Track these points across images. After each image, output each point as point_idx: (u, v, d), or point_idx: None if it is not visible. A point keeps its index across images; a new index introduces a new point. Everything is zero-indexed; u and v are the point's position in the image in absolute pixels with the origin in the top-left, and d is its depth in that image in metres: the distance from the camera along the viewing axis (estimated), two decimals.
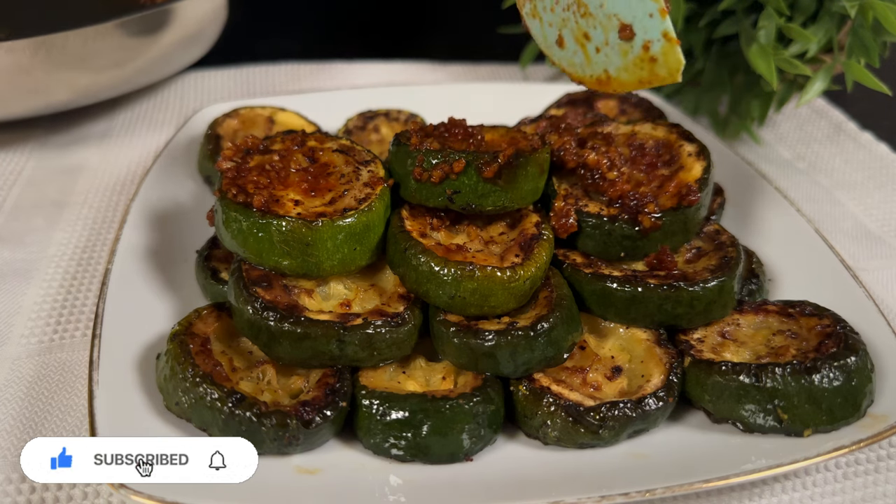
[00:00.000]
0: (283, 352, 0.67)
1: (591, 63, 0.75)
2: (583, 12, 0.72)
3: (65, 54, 1.02)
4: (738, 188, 0.96)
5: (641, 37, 0.69)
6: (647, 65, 0.70)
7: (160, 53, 1.16)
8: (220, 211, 0.73)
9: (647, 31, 0.68)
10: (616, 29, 0.70)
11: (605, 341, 0.75)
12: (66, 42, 1.01)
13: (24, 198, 1.02)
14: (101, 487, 0.65)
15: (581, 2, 0.72)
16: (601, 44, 0.72)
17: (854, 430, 0.65)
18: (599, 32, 0.72)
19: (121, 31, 1.06)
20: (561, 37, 0.76)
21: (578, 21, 0.73)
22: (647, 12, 0.67)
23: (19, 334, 0.80)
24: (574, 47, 0.76)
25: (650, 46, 0.69)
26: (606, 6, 0.70)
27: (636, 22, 0.69)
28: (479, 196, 0.74)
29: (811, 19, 1.01)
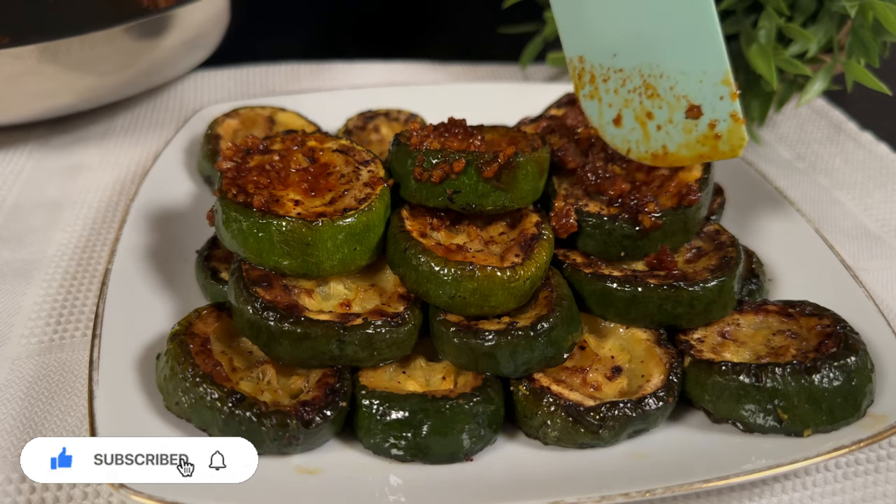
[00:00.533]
0: (283, 352, 0.67)
1: (650, 140, 0.78)
2: (650, 94, 0.76)
3: (68, 60, 1.02)
4: (738, 188, 0.96)
5: (709, 116, 0.73)
6: (711, 141, 0.74)
7: (162, 58, 1.16)
8: (220, 211, 0.73)
9: (716, 111, 0.72)
10: (683, 109, 0.74)
11: (605, 341, 0.75)
12: (69, 48, 1.01)
13: (24, 198, 1.02)
14: (101, 487, 0.65)
15: (649, 84, 0.76)
16: (664, 122, 0.76)
17: (854, 430, 0.65)
18: (665, 112, 0.76)
19: (123, 37, 1.06)
20: (620, 116, 0.79)
21: (643, 102, 0.77)
22: (717, 95, 0.72)
23: (19, 334, 0.80)
24: (633, 125, 0.79)
25: (716, 125, 0.73)
26: (676, 88, 0.74)
27: (706, 103, 0.73)
28: (479, 196, 0.74)
29: (811, 19, 1.01)
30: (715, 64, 0.71)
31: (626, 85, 0.78)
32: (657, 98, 0.75)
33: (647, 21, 0.74)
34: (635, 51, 0.76)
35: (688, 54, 0.72)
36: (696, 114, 0.73)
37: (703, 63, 0.71)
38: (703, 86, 0.72)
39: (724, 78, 0.71)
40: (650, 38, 0.74)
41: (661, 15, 0.72)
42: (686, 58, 0.72)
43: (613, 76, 0.78)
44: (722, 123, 0.72)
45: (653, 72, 0.75)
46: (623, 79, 0.78)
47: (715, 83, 0.71)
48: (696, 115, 0.73)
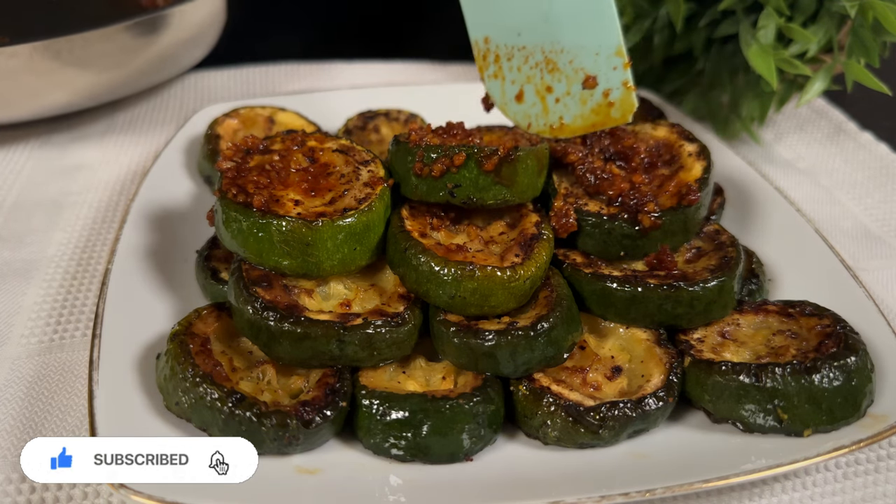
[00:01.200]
0: (283, 352, 0.67)
1: (549, 113, 0.85)
2: (550, 68, 0.83)
3: (64, 58, 1.02)
4: (738, 188, 0.96)
5: (603, 86, 0.80)
6: (604, 109, 0.81)
7: (160, 57, 1.16)
8: (220, 211, 0.73)
9: (610, 80, 0.79)
10: (580, 81, 0.81)
11: (605, 341, 0.75)
12: (66, 46, 1.01)
13: (24, 198, 1.02)
14: (101, 487, 0.65)
15: (550, 59, 0.82)
16: (562, 95, 0.83)
17: (854, 430, 0.65)
18: (563, 84, 0.82)
19: (120, 35, 1.06)
20: (522, 92, 0.86)
21: (544, 76, 0.84)
22: (612, 66, 0.79)
23: (19, 334, 0.80)
24: (534, 100, 0.86)
25: (610, 93, 0.80)
26: (575, 62, 0.81)
27: (601, 74, 0.80)
28: (479, 189, 0.74)
29: (811, 19, 1.01)
30: (609, 38, 0.78)
31: (528, 62, 0.84)
32: (557, 72, 0.82)
33: (551, 1, 0.81)
34: (538, 29, 0.82)
35: (586, 30, 0.79)
36: (592, 84, 0.80)
37: (599, 38, 0.79)
38: (599, 58, 0.79)
39: (618, 50, 0.78)
40: (553, 17, 0.81)
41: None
42: (584, 34, 0.79)
43: (517, 54, 0.85)
44: (615, 91, 0.79)
45: (554, 48, 0.82)
46: (526, 56, 0.84)
47: (609, 55, 0.79)
48: (592, 84, 0.80)
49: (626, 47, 1.11)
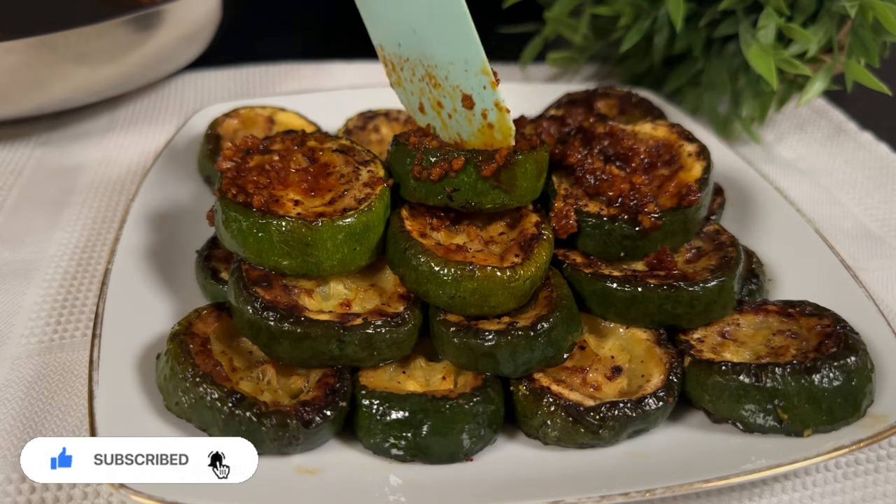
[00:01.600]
0: (283, 352, 0.67)
1: (448, 128, 0.78)
2: (434, 83, 0.76)
3: (63, 54, 1.02)
4: (738, 188, 0.96)
5: (480, 105, 0.73)
6: (487, 130, 0.75)
7: (156, 53, 1.16)
8: (220, 211, 0.73)
9: (483, 100, 0.73)
10: (459, 99, 0.74)
11: (605, 341, 0.75)
12: (65, 41, 1.01)
13: (24, 198, 1.02)
14: (101, 487, 0.65)
15: (431, 74, 0.76)
16: (451, 111, 0.76)
17: (854, 430, 0.65)
18: (449, 101, 0.76)
19: (116, 31, 1.06)
20: (421, 104, 0.80)
21: (432, 91, 0.77)
22: (481, 84, 0.72)
23: (19, 334, 0.80)
24: (432, 113, 0.80)
25: (487, 114, 0.74)
26: (450, 78, 0.74)
27: (475, 93, 0.73)
28: (478, 194, 0.74)
29: (811, 19, 1.01)
30: (472, 54, 0.71)
31: (415, 74, 0.78)
32: (440, 88, 0.76)
33: (413, 12, 0.73)
34: (412, 41, 0.76)
35: (449, 45, 0.72)
36: (469, 104, 0.74)
37: (463, 53, 0.72)
38: (469, 75, 0.72)
39: (483, 67, 0.71)
40: (419, 29, 0.74)
41: (419, 6, 0.72)
42: (449, 48, 0.73)
43: (405, 66, 0.79)
44: (490, 112, 0.73)
45: (429, 62, 0.75)
46: (412, 68, 0.78)
47: (476, 72, 0.72)
48: (470, 104, 0.74)
49: (626, 47, 1.13)
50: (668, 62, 1.23)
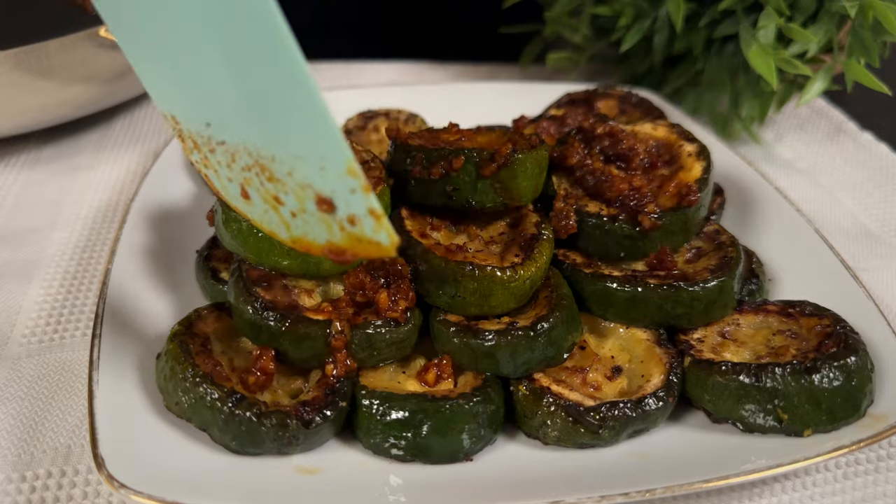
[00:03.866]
0: (284, 351, 0.67)
1: (290, 227, 0.59)
2: (268, 177, 0.56)
3: (51, 64, 1.00)
4: (738, 188, 0.96)
5: (344, 210, 0.53)
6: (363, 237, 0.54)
7: None
8: (220, 211, 0.73)
9: (351, 205, 0.53)
10: (312, 199, 0.55)
11: (605, 341, 0.75)
12: (62, 47, 1.00)
13: (24, 198, 1.02)
14: (101, 487, 0.65)
15: (264, 166, 0.56)
16: (297, 210, 0.57)
17: (854, 430, 0.65)
18: (292, 199, 0.56)
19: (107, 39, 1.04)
20: (245, 191, 0.60)
21: (265, 184, 0.58)
22: (348, 188, 0.52)
23: (19, 334, 0.80)
24: (263, 206, 0.60)
25: (356, 221, 0.53)
26: (296, 175, 0.54)
27: (336, 196, 0.53)
28: (478, 193, 0.74)
29: (811, 19, 1.01)
30: (332, 152, 0.50)
31: (237, 161, 0.58)
32: (278, 182, 0.56)
33: (232, 89, 0.53)
34: (232, 124, 0.56)
35: (296, 137, 0.52)
36: (329, 208, 0.54)
37: (317, 148, 0.52)
38: (327, 175, 0.52)
39: (348, 168, 0.50)
40: (244, 111, 0.54)
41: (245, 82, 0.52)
42: (295, 141, 0.52)
43: (218, 149, 0.58)
44: (364, 220, 0.52)
45: (261, 153, 0.55)
46: (231, 153, 0.58)
47: (339, 174, 0.51)
48: (329, 209, 0.54)
49: (626, 47, 1.13)
50: (668, 62, 1.23)
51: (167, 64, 0.56)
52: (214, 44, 0.51)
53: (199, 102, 0.57)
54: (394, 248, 0.53)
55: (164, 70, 0.57)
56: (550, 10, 1.24)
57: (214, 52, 0.51)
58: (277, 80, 0.49)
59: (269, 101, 0.52)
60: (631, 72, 1.29)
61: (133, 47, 0.58)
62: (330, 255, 0.57)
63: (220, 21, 0.49)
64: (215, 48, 0.51)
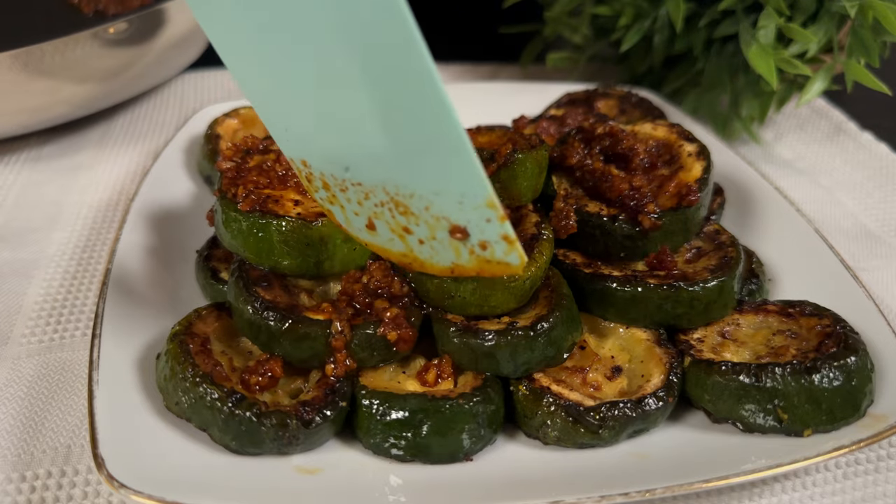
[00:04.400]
0: (283, 352, 0.67)
1: (415, 252, 0.65)
2: (402, 210, 0.61)
3: (53, 64, 1.00)
4: (738, 188, 0.96)
5: (477, 238, 0.59)
6: (490, 260, 0.61)
7: (150, 58, 1.14)
8: (220, 211, 0.73)
9: (484, 232, 0.58)
10: (445, 229, 0.60)
11: (605, 341, 0.75)
12: (64, 46, 1.00)
13: (24, 198, 1.02)
14: (101, 487, 0.65)
15: (399, 202, 0.60)
16: (426, 238, 0.62)
17: (854, 430, 0.65)
18: (423, 229, 0.61)
19: (108, 39, 1.04)
20: (372, 223, 0.65)
21: (396, 217, 0.62)
22: (483, 217, 0.57)
23: (20, 334, 0.80)
24: (390, 235, 0.65)
25: (487, 247, 0.59)
26: (433, 209, 0.59)
27: (471, 224, 0.58)
28: None
29: (811, 19, 1.01)
30: (473, 187, 0.55)
31: (370, 199, 0.62)
32: (411, 216, 0.61)
33: (379, 137, 0.56)
34: (372, 169, 0.60)
35: (438, 176, 0.57)
36: (462, 236, 0.59)
37: (458, 185, 0.56)
38: (464, 207, 0.57)
39: (488, 201, 0.55)
40: (388, 157, 0.58)
41: (395, 131, 0.56)
42: (437, 180, 0.57)
43: (352, 188, 0.63)
44: (496, 246, 0.59)
45: (400, 191, 0.60)
46: (365, 192, 0.62)
47: (477, 206, 0.56)
48: (462, 237, 0.59)
49: (626, 47, 1.13)
50: (668, 62, 1.23)
51: (306, 113, 0.59)
52: (361, 92, 0.53)
53: (340, 149, 0.60)
54: (522, 266, 0.59)
55: (302, 120, 0.60)
56: (550, 10, 1.24)
57: (361, 101, 0.54)
58: (426, 124, 0.53)
59: (416, 144, 0.55)
60: (631, 72, 1.29)
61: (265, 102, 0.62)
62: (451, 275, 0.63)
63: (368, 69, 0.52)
64: (362, 96, 0.54)
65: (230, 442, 0.63)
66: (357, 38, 0.50)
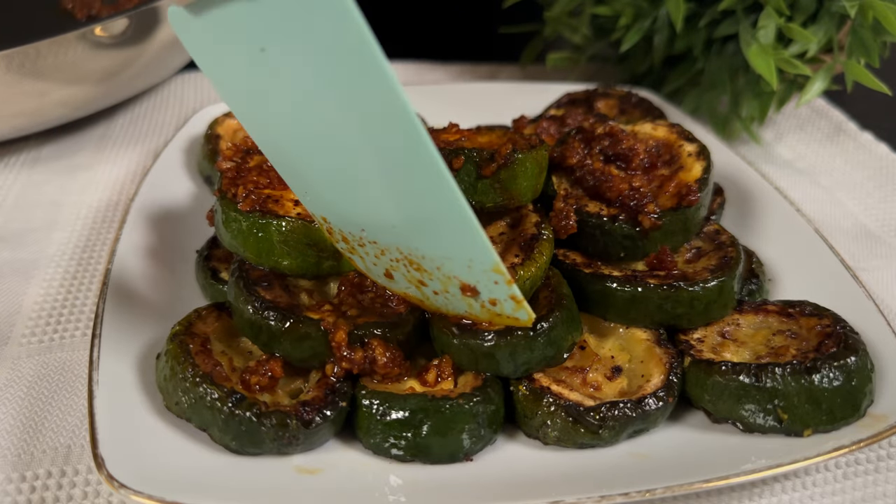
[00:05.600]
0: (283, 352, 0.67)
1: (430, 301, 0.68)
2: (416, 267, 0.64)
3: (46, 65, 0.99)
4: (738, 188, 0.96)
5: (487, 295, 0.63)
6: (497, 313, 0.64)
7: (151, 57, 1.14)
8: (220, 211, 0.73)
9: (493, 292, 0.62)
10: (457, 286, 0.63)
11: (605, 341, 0.75)
12: (60, 46, 0.99)
13: (24, 198, 1.02)
14: (101, 487, 0.65)
15: (412, 260, 0.64)
16: (440, 290, 0.65)
17: (854, 430, 0.65)
18: (437, 283, 0.64)
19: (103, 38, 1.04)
20: (390, 273, 0.68)
21: (411, 271, 0.65)
22: (492, 280, 0.60)
23: (19, 334, 0.80)
24: (406, 285, 0.68)
25: (497, 303, 0.63)
26: (444, 269, 0.62)
27: (480, 285, 0.62)
28: (478, 193, 0.74)
29: (811, 19, 1.01)
30: (480, 254, 0.58)
31: (385, 255, 0.65)
32: (425, 272, 0.64)
33: (388, 207, 0.60)
34: (385, 232, 0.63)
35: (446, 245, 0.60)
36: (473, 294, 0.63)
37: (466, 253, 0.59)
38: (473, 270, 0.60)
39: (494, 268, 0.59)
40: (397, 225, 0.61)
41: (401, 204, 0.59)
42: (445, 248, 0.60)
43: (368, 245, 0.66)
44: (505, 304, 0.62)
45: (412, 252, 0.63)
46: (381, 249, 0.65)
47: (485, 271, 0.60)
48: (473, 294, 0.63)
49: (626, 47, 1.13)
50: (668, 62, 1.23)
51: (320, 178, 0.63)
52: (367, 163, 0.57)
53: (355, 215, 0.64)
54: (531, 321, 0.63)
55: (317, 184, 0.64)
56: (550, 10, 1.24)
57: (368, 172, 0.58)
58: (430, 201, 0.56)
59: (422, 218, 0.59)
60: (631, 72, 1.29)
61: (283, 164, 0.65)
62: (465, 319, 0.67)
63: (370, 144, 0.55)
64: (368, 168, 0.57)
65: (230, 442, 0.63)
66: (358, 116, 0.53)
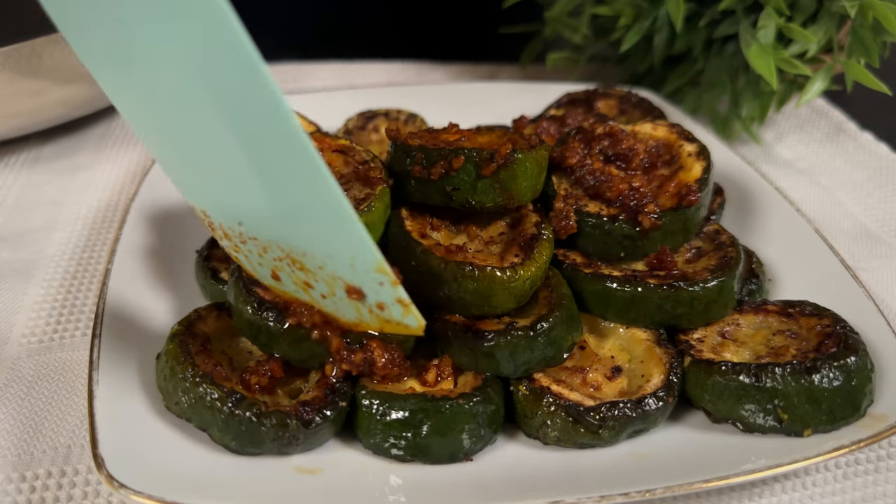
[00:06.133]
0: (283, 352, 0.67)
1: (319, 304, 0.65)
2: (299, 267, 0.61)
3: (47, 63, 0.99)
4: (738, 188, 0.96)
5: (373, 298, 0.60)
6: (391, 320, 0.62)
7: None
8: None
9: (380, 295, 0.60)
10: (343, 289, 0.60)
11: (605, 341, 0.75)
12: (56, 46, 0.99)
13: (24, 198, 1.02)
14: (101, 487, 0.65)
15: (295, 259, 0.60)
16: (328, 294, 0.62)
17: (854, 430, 0.65)
18: (323, 286, 0.61)
19: None
20: (276, 275, 0.65)
21: (295, 272, 0.62)
22: (376, 281, 0.58)
23: (19, 334, 0.80)
24: (294, 288, 0.64)
25: (385, 308, 0.60)
26: (327, 268, 0.59)
27: (365, 286, 0.59)
28: (478, 193, 0.74)
29: (811, 19, 1.01)
30: (361, 252, 0.56)
31: (268, 253, 0.62)
32: (309, 272, 0.60)
33: (262, 198, 0.57)
34: (263, 226, 0.60)
35: (325, 240, 0.57)
36: (359, 296, 0.60)
37: (347, 250, 0.57)
38: (356, 270, 0.58)
39: (377, 267, 0.57)
40: (273, 218, 0.58)
41: (275, 193, 0.56)
42: (324, 243, 0.58)
43: (249, 242, 0.63)
44: (392, 308, 0.60)
45: (293, 249, 0.60)
46: (262, 246, 0.62)
47: (368, 271, 0.57)
48: (359, 297, 0.60)
49: (626, 47, 1.13)
50: (668, 62, 1.23)
51: (195, 167, 0.61)
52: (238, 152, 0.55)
53: (231, 206, 0.61)
54: (421, 329, 0.61)
55: (195, 173, 0.61)
56: (550, 10, 1.24)
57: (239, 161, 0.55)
58: (303, 190, 0.54)
59: (297, 208, 0.56)
60: (631, 72, 1.29)
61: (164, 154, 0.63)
62: (357, 329, 0.64)
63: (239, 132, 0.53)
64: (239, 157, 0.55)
65: (230, 442, 0.63)
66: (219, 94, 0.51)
